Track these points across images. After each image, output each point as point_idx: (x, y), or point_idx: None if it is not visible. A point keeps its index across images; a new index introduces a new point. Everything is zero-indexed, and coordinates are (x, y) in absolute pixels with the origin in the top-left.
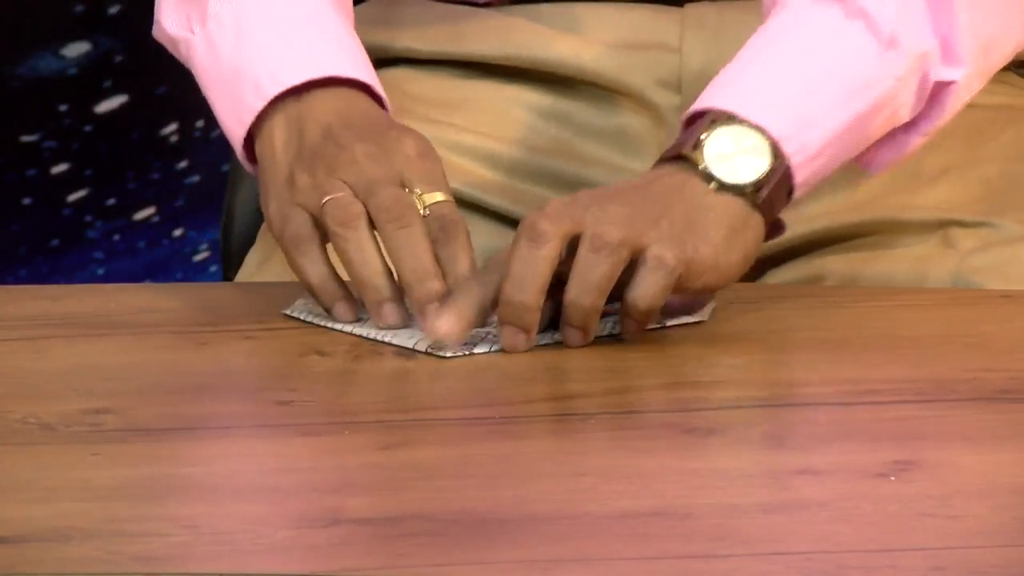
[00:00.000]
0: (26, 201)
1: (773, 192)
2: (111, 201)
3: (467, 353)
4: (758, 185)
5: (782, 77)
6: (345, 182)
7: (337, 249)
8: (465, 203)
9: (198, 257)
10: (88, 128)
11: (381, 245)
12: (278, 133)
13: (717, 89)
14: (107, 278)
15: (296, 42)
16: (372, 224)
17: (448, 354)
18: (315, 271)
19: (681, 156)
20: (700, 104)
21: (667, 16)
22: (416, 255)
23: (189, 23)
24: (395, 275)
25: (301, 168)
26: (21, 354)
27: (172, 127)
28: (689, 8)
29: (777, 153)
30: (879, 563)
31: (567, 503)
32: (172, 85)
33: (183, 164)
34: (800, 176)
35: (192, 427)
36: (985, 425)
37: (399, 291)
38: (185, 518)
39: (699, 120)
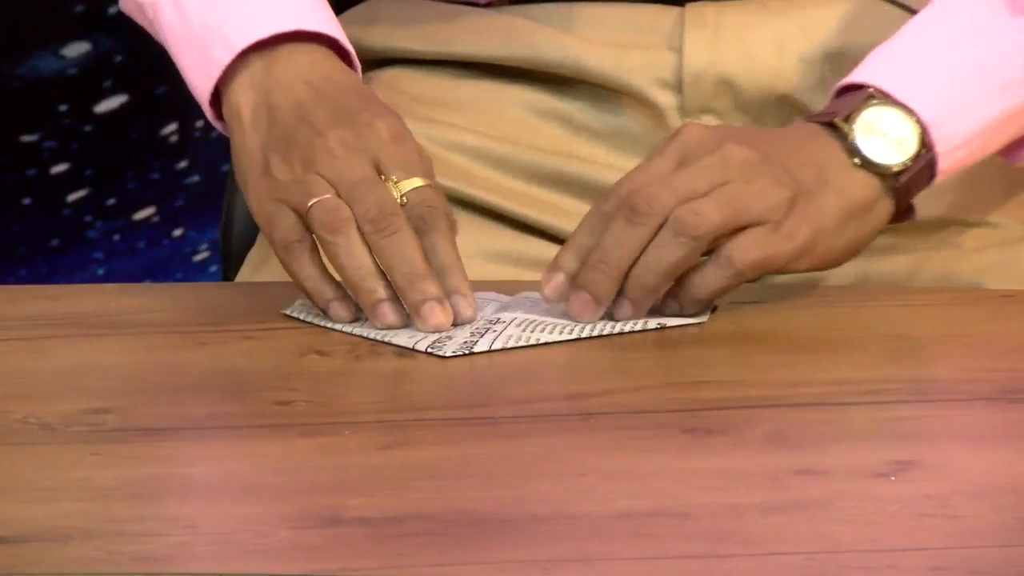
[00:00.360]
0: (26, 201)
1: (913, 179)
2: (111, 201)
3: (467, 352)
4: (900, 170)
5: (940, 63)
6: (325, 178)
7: (328, 255)
8: (464, 203)
9: (198, 257)
10: (88, 128)
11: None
12: (245, 99)
13: (876, 64)
14: (107, 278)
15: None
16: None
17: (448, 353)
18: (308, 274)
19: (832, 124)
20: (857, 77)
21: (667, 16)
22: (406, 259)
23: None
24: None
25: (276, 155)
26: (21, 354)
27: (172, 127)
28: (689, 8)
29: (925, 141)
30: (879, 563)
31: (567, 503)
32: (172, 85)
33: (183, 164)
34: (943, 164)
35: (192, 427)
36: (985, 425)
37: (393, 290)
38: (185, 518)
39: (853, 92)
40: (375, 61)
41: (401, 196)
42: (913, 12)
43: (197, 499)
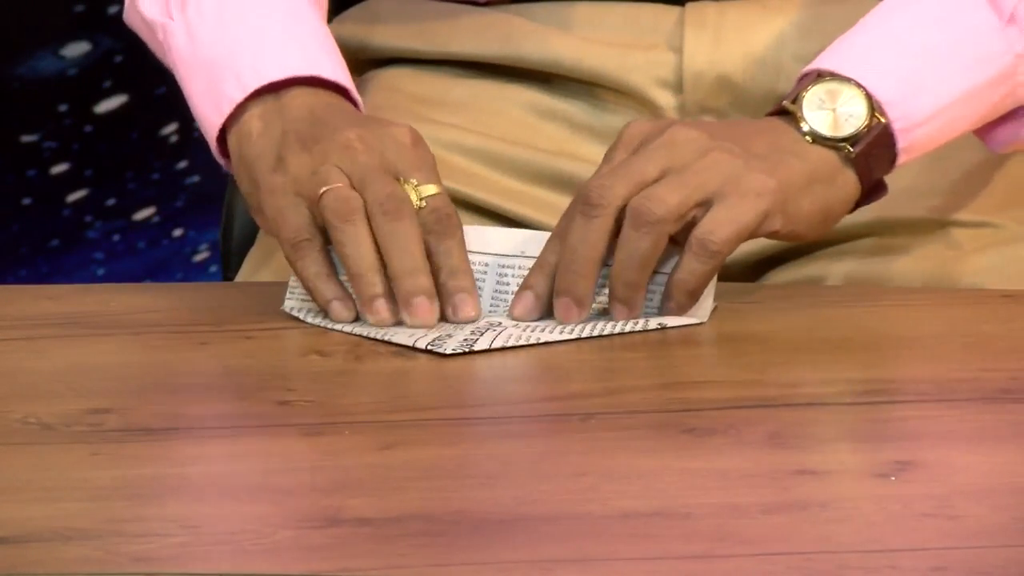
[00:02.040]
0: (26, 201)
1: (870, 150)
2: (111, 201)
3: (467, 351)
4: (853, 140)
5: (895, 44)
6: (341, 169)
7: (334, 240)
8: (464, 203)
9: (198, 257)
10: (88, 128)
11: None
12: (255, 124)
13: (830, 52)
14: (107, 278)
15: (278, 36)
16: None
17: (448, 351)
18: (312, 272)
19: (782, 110)
20: (812, 65)
21: (667, 15)
22: (407, 249)
23: (168, 8)
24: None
25: (290, 150)
26: (21, 354)
27: (172, 127)
28: (690, 7)
29: (878, 112)
30: (879, 563)
31: (567, 503)
32: (172, 85)
33: (183, 164)
34: (904, 141)
35: (192, 427)
36: (985, 425)
37: (391, 289)
38: (185, 518)
39: (807, 77)
40: (375, 61)
41: (420, 200)
42: None
43: (197, 499)
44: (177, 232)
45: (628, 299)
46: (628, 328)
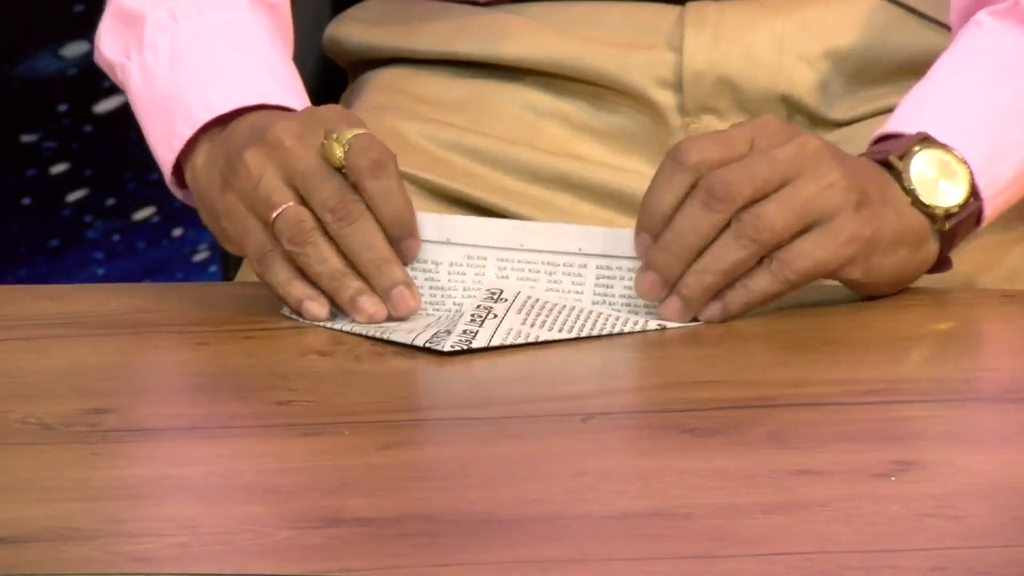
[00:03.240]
0: (26, 201)
1: (960, 224)
2: (111, 201)
3: (465, 348)
4: (949, 213)
5: (977, 106)
6: (279, 177)
7: (300, 265)
8: (464, 202)
9: (198, 257)
10: (88, 128)
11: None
12: (203, 158)
13: (914, 111)
14: (107, 278)
15: (227, 70)
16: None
17: (446, 348)
18: (280, 279)
19: (887, 163)
20: (897, 126)
21: (667, 15)
22: (370, 246)
23: (127, 49)
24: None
25: (231, 166)
26: (21, 354)
27: None
28: (690, 7)
29: (974, 189)
30: (879, 563)
31: (567, 503)
32: None
33: None
34: (988, 209)
35: (192, 427)
36: (985, 425)
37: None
38: (184, 518)
39: (899, 138)
40: (375, 61)
41: (344, 144)
42: (912, 12)
43: (197, 499)
44: (177, 232)
45: (694, 300)
46: (628, 328)
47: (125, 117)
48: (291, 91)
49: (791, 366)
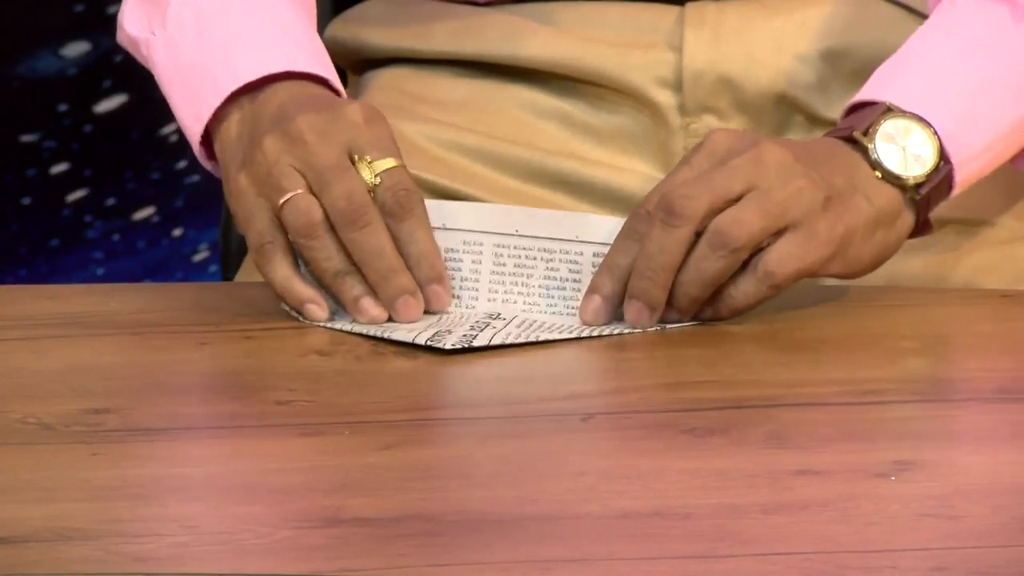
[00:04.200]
0: (26, 201)
1: (933, 191)
2: (111, 201)
3: (466, 346)
4: (919, 182)
5: (951, 75)
6: (295, 167)
7: (303, 257)
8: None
9: (198, 257)
10: (88, 128)
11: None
12: (234, 128)
13: (887, 80)
14: (107, 278)
15: (253, 39)
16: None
17: (448, 346)
18: (280, 276)
19: (851, 139)
20: (868, 94)
21: (667, 15)
22: (378, 253)
23: (150, 24)
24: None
25: (251, 149)
26: (21, 354)
27: (172, 127)
28: (690, 7)
29: (943, 153)
30: (879, 563)
31: (567, 503)
32: None
33: (183, 164)
34: (960, 175)
35: (192, 427)
36: (985, 425)
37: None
38: (184, 518)
39: (868, 108)
40: (375, 61)
41: (375, 176)
42: (912, 11)
43: (197, 499)
44: (177, 232)
45: (684, 311)
46: (627, 329)
47: (125, 117)
48: (317, 58)
49: (791, 366)
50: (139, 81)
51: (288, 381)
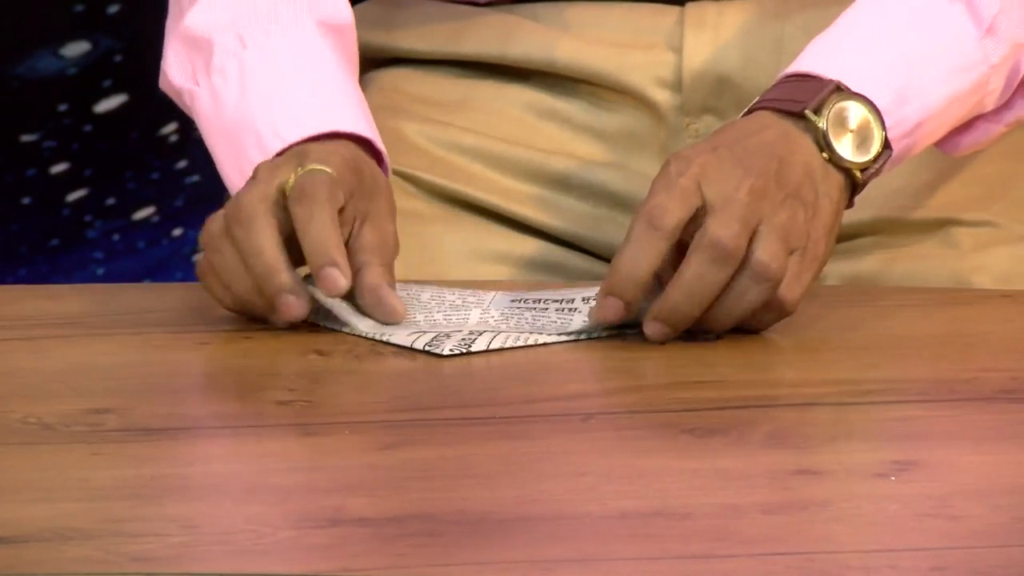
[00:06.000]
0: (26, 201)
1: (873, 174)
2: (111, 201)
3: (464, 352)
4: (866, 167)
5: (885, 50)
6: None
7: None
8: (464, 203)
9: (198, 257)
10: (88, 128)
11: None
12: None
13: (825, 54)
14: (107, 278)
15: (298, 97)
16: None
17: (445, 351)
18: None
19: (799, 115)
20: (805, 66)
21: (667, 15)
22: (256, 252)
23: (194, 75)
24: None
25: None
26: (20, 354)
27: (172, 127)
28: (689, 7)
29: (886, 139)
30: (879, 563)
31: (567, 503)
32: None
33: (183, 164)
34: (894, 149)
35: (192, 427)
36: (985, 425)
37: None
38: (185, 518)
39: (808, 81)
40: (375, 61)
41: (296, 177)
42: None
43: (197, 499)
44: (177, 231)
45: (677, 327)
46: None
47: (125, 117)
48: (360, 118)
49: (791, 366)
50: (139, 81)
51: (288, 381)
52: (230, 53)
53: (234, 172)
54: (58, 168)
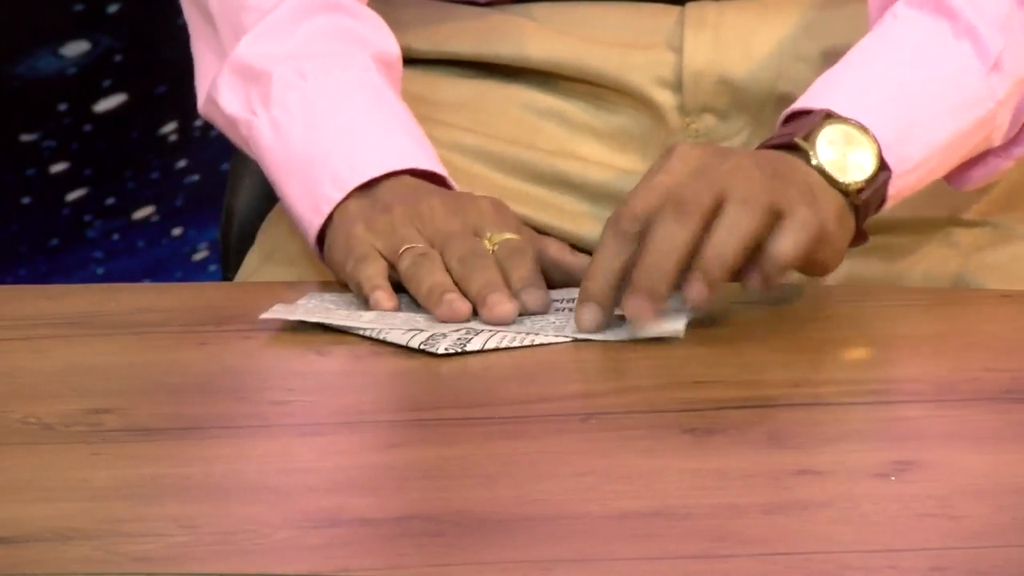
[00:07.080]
0: (25, 200)
1: (871, 198)
2: (110, 200)
3: (459, 351)
4: (860, 187)
5: (890, 86)
6: (420, 232)
7: (407, 282)
8: None
9: (197, 257)
10: (87, 127)
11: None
12: (352, 207)
13: (824, 90)
14: (106, 277)
15: (370, 132)
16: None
17: (440, 350)
18: (370, 273)
19: (792, 145)
20: (805, 103)
21: (667, 15)
22: (487, 279)
23: (250, 104)
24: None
25: (378, 212)
26: (20, 354)
27: (171, 126)
28: (689, 7)
29: (882, 160)
30: (879, 563)
31: (567, 503)
32: (172, 84)
33: (182, 163)
34: (894, 188)
35: (192, 427)
36: (985, 425)
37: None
38: (185, 518)
39: (805, 117)
40: None
41: (493, 245)
42: None
43: (197, 499)
44: (176, 231)
45: (715, 282)
46: (614, 338)
47: (125, 116)
48: (431, 154)
49: (791, 366)
50: (138, 80)
51: (288, 381)
52: (290, 85)
53: (308, 209)
54: (58, 168)
